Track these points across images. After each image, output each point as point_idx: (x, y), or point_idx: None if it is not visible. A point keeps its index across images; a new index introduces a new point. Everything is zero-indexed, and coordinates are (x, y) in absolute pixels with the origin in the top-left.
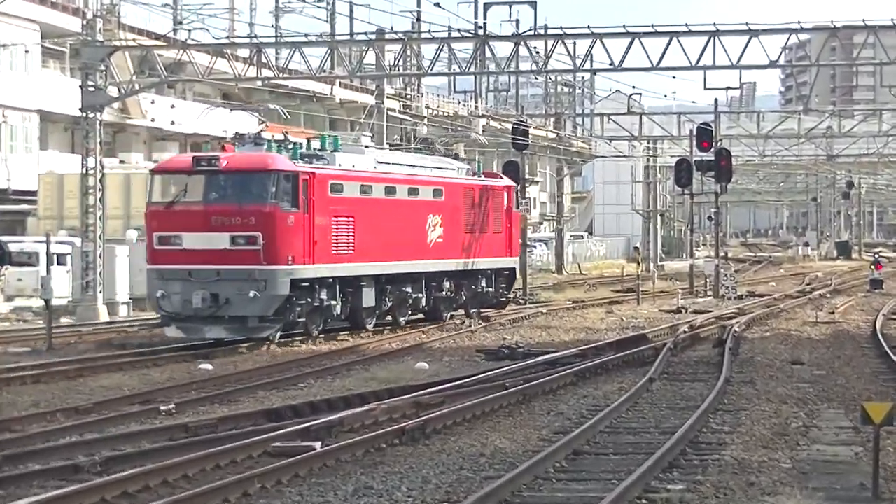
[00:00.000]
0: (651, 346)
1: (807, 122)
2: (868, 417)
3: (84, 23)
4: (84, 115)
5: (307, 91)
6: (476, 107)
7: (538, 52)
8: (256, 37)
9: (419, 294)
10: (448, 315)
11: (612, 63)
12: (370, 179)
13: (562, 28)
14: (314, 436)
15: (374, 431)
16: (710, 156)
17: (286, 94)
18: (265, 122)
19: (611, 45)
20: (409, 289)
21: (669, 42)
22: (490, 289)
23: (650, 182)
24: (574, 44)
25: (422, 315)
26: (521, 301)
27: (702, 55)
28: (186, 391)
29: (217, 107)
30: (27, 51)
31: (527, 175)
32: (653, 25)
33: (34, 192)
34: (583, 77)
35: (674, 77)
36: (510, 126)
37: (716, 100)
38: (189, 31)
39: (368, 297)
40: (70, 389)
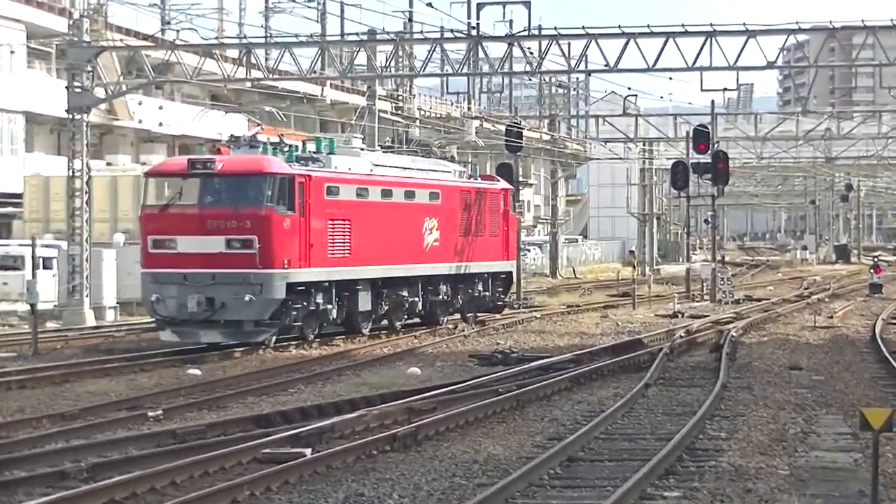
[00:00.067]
0: (647, 351)
1: (805, 124)
2: (867, 423)
3: (70, 23)
4: (70, 117)
5: (297, 92)
6: (469, 108)
7: (532, 53)
8: (246, 37)
9: (415, 298)
10: (444, 319)
11: (608, 64)
12: (366, 182)
13: (556, 28)
14: (304, 442)
15: (366, 438)
16: (707, 158)
17: (276, 96)
18: (260, 125)
19: (606, 46)
20: (406, 293)
21: (666, 42)
22: (487, 293)
23: (646, 185)
24: (569, 44)
25: (418, 319)
26: (515, 305)
27: (698, 56)
28: (174, 397)
29: (212, 109)
30: (12, 51)
31: (521, 178)
32: (649, 26)
33: (19, 195)
34: (577, 78)
35: (670, 78)
36: (504, 128)
37: (713, 101)
38: (177, 32)
39: (364, 301)
40: (56, 395)
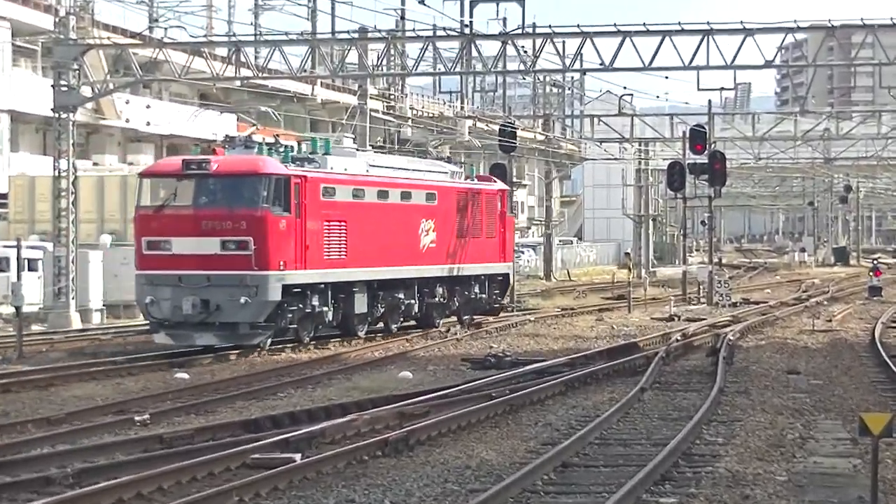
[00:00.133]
0: (642, 355)
1: (803, 124)
2: (866, 428)
3: (56, 20)
4: (56, 116)
5: (287, 91)
6: (462, 108)
7: (526, 52)
8: (235, 35)
9: (412, 300)
10: (440, 322)
11: (603, 63)
12: (362, 183)
13: (551, 26)
14: (294, 447)
15: (356, 443)
16: (704, 159)
17: (265, 95)
18: (255, 125)
19: (601, 45)
20: (402, 295)
21: (662, 41)
22: (483, 295)
23: (641, 186)
24: (563, 43)
25: (414, 322)
26: (509, 308)
27: (695, 55)
28: (162, 401)
29: (207, 109)
30: None
31: (514, 178)
32: (645, 24)
33: (4, 196)
34: (572, 77)
35: (666, 77)
36: (497, 128)
37: (709, 101)
38: (165, 29)
39: (360, 304)
40: (41, 399)
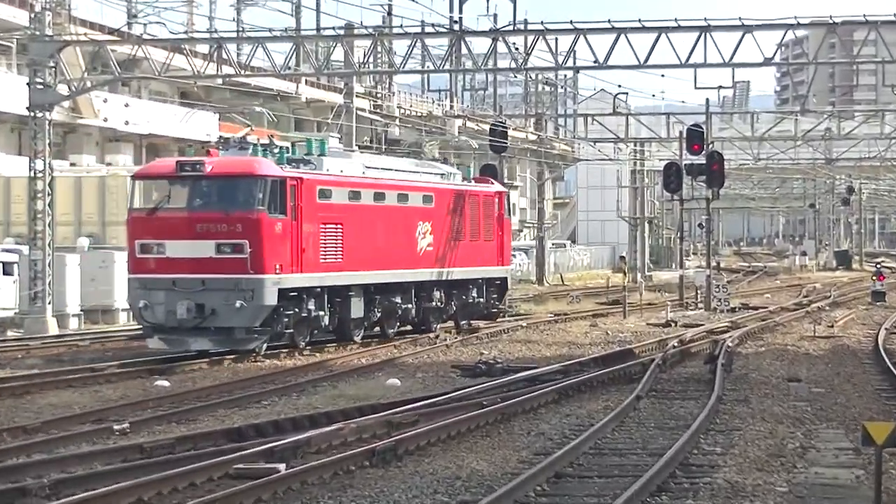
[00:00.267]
0: (638, 362)
1: (804, 124)
2: (870, 438)
3: (32, 16)
4: (32, 115)
5: (271, 89)
6: (451, 106)
7: (517, 49)
8: (216, 31)
9: (408, 304)
10: (437, 326)
11: (597, 60)
12: (359, 185)
13: (543, 23)
14: (278, 457)
15: (343, 452)
16: (701, 159)
17: (248, 93)
18: (250, 126)
19: (595, 42)
20: (399, 299)
21: (658, 38)
22: (481, 299)
23: (637, 187)
24: (556, 40)
25: (410, 327)
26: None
27: (692, 52)
28: (142, 409)
29: (201, 109)
30: None
31: (505, 179)
32: (640, 20)
33: None
34: (565, 75)
35: (662, 75)
36: (487, 127)
37: (707, 100)
38: (144, 26)
39: (357, 308)
40: (17, 407)
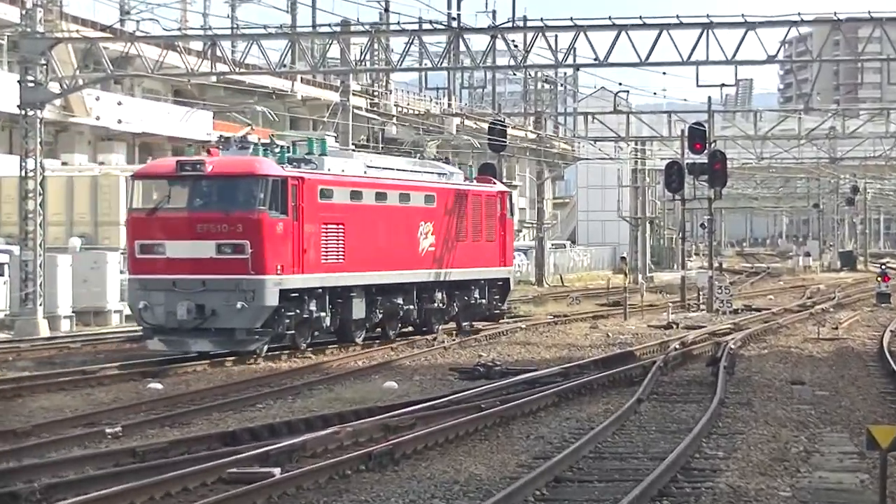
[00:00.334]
0: (639, 365)
1: (808, 123)
2: (874, 442)
3: (23, 13)
4: (23, 113)
5: (266, 87)
6: (449, 105)
7: (517, 46)
8: (211, 28)
9: (410, 305)
10: (439, 328)
11: (597, 58)
12: (360, 185)
13: (542, 20)
14: (273, 461)
15: (339, 456)
16: (704, 158)
17: (243, 91)
18: (251, 125)
19: (595, 39)
20: (401, 300)
21: (659, 35)
22: (483, 300)
23: (638, 187)
24: (556, 37)
25: (412, 328)
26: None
27: (694, 49)
28: (134, 412)
29: (201, 109)
30: None
31: (504, 179)
32: (641, 17)
33: None
34: (565, 73)
35: (664, 73)
36: (486, 126)
37: (709, 98)
38: (137, 23)
39: (358, 309)
40: (7, 410)
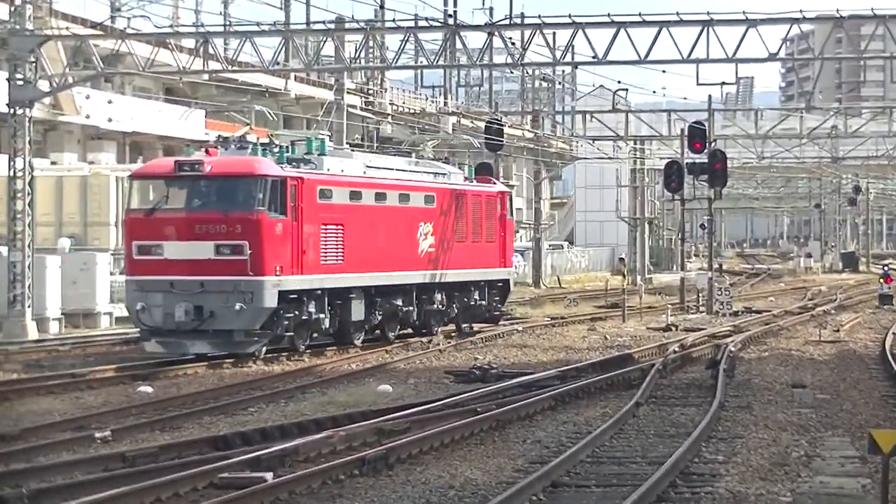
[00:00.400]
0: (637, 368)
1: (809, 122)
2: (876, 446)
3: (12, 9)
4: (11, 112)
5: (259, 85)
6: (445, 103)
7: (514, 44)
8: (203, 25)
9: (410, 307)
10: (438, 329)
11: (596, 56)
12: (360, 185)
13: (540, 17)
14: (265, 466)
15: (332, 461)
16: (704, 158)
17: (235, 89)
18: (249, 124)
19: (594, 36)
20: (400, 301)
21: (659, 32)
22: (483, 301)
23: (637, 187)
24: (553, 34)
25: (411, 330)
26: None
27: (694, 47)
28: (124, 416)
29: (198, 108)
30: None
31: (501, 179)
32: (640, 14)
33: None
34: (563, 71)
35: (663, 71)
36: (483, 124)
37: (709, 96)
38: (128, 20)
39: (357, 311)
40: None
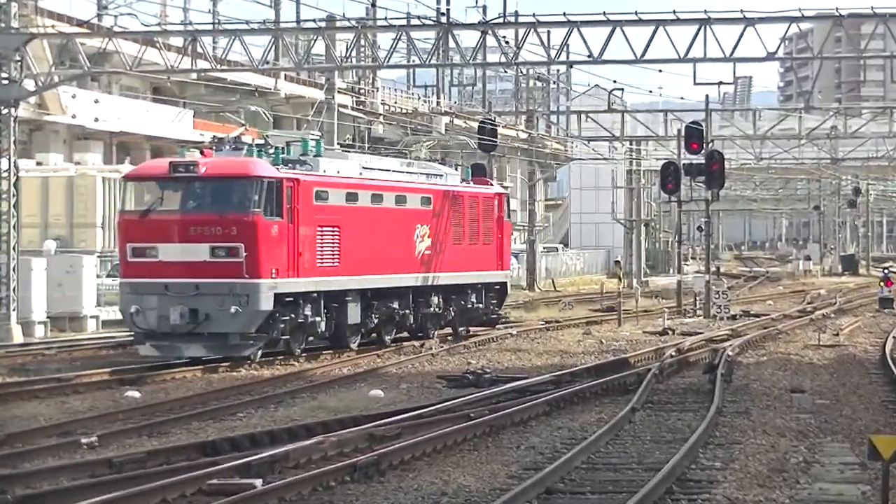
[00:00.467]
0: (634, 372)
1: (808, 122)
2: (876, 452)
3: None
4: None
5: (248, 85)
6: (438, 103)
7: (508, 42)
8: (191, 24)
9: (406, 310)
10: (435, 333)
11: (591, 55)
12: (356, 186)
13: (534, 15)
14: (255, 472)
15: (323, 467)
16: (701, 159)
17: (224, 89)
18: (244, 125)
19: (589, 35)
20: (396, 304)
21: (655, 31)
22: (480, 304)
23: (633, 188)
24: (548, 33)
25: (407, 333)
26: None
27: (691, 46)
28: (111, 422)
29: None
30: None
31: (495, 180)
32: (636, 13)
33: None
34: (558, 70)
35: (660, 71)
36: (476, 125)
37: (707, 96)
38: (115, 18)
39: (354, 314)
40: None
